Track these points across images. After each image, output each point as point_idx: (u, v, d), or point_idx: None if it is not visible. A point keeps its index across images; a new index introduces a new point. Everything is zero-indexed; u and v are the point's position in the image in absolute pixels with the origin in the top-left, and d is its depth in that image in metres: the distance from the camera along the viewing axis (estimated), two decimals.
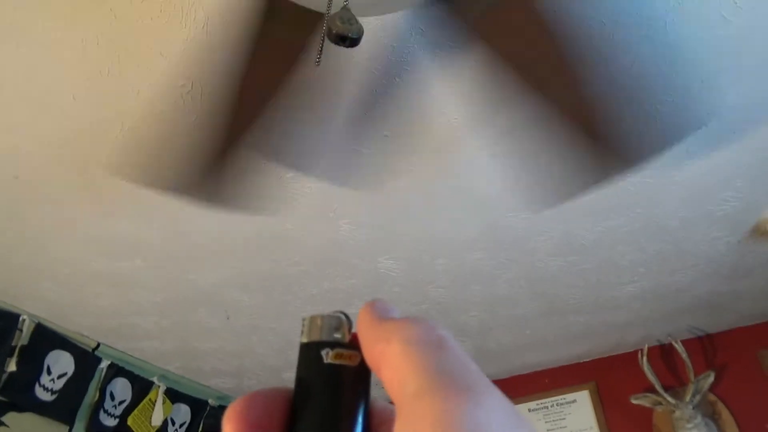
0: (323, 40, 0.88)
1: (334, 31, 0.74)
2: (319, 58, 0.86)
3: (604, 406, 2.97)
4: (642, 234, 2.07)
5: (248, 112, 1.40)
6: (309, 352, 0.28)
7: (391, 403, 0.24)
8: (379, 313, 0.27)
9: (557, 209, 1.90)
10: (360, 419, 0.26)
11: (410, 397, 0.22)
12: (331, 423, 0.26)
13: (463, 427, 0.20)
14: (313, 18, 1.07)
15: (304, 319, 0.29)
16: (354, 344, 0.28)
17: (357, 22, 0.73)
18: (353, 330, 0.29)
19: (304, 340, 0.29)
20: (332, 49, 1.31)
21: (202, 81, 1.38)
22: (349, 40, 0.76)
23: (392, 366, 0.24)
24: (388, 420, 0.26)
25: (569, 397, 3.06)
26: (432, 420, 0.21)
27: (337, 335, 0.28)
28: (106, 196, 1.78)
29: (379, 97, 1.49)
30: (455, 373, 0.23)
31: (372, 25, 1.27)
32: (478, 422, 0.21)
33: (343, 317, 0.29)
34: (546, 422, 3.04)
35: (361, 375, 0.27)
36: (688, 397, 2.62)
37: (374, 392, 0.28)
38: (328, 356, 0.27)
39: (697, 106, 1.52)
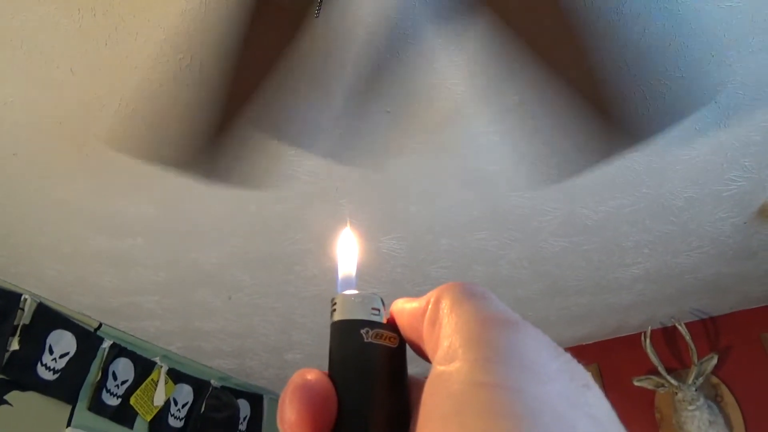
0: None
1: None
2: (318, 10, 0.84)
3: (605, 388, 2.97)
4: (647, 214, 2.05)
5: (247, 86, 1.37)
6: (346, 330, 0.27)
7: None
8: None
9: (561, 188, 1.88)
10: (403, 396, 0.26)
11: (450, 334, 0.23)
12: (378, 401, 0.26)
13: (501, 347, 0.21)
14: None
15: (335, 298, 0.29)
16: (392, 326, 0.28)
17: None
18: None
19: (339, 317, 0.28)
20: (331, 22, 1.28)
21: (200, 54, 1.35)
22: None
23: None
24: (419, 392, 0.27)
25: None
26: (470, 341, 0.22)
27: (375, 316, 0.28)
28: (106, 174, 1.77)
29: (381, 72, 1.46)
30: (494, 311, 0.24)
31: None
32: (515, 343, 0.22)
33: (379, 297, 0.28)
34: None
35: (401, 356, 0.27)
36: (690, 380, 2.61)
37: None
38: (368, 335, 0.27)
39: (707, 81, 1.49)
